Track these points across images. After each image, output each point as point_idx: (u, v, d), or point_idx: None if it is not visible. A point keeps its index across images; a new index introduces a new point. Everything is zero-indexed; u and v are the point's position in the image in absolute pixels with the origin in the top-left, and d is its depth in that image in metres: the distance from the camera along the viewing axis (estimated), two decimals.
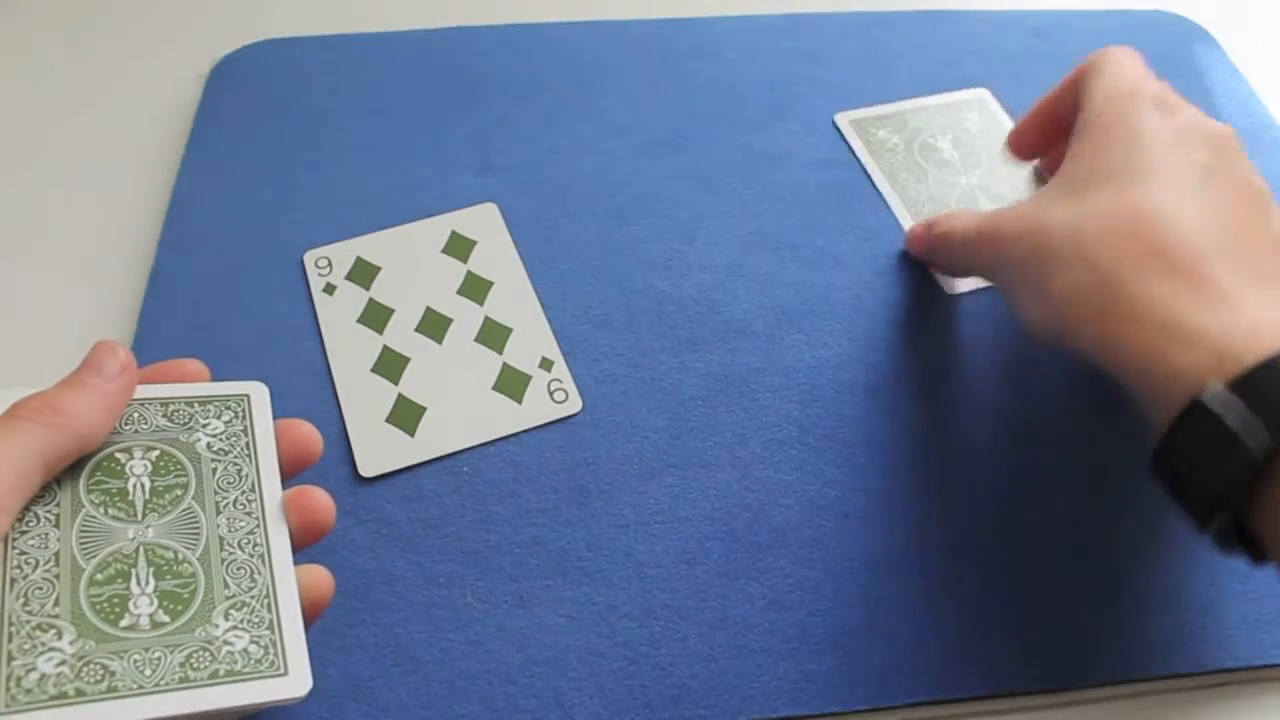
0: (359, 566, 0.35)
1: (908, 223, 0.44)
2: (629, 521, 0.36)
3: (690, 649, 0.33)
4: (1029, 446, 0.38)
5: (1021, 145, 0.42)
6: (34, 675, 0.24)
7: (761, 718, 0.32)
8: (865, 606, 0.34)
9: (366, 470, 0.37)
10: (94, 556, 0.27)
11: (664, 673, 0.33)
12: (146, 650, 0.26)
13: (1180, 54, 0.51)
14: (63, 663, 0.25)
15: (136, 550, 0.27)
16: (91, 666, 0.25)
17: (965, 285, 0.42)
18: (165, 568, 0.27)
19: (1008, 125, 0.47)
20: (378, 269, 0.42)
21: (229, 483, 0.30)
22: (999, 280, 0.37)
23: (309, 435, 0.32)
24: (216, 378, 0.32)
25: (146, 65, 0.50)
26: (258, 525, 0.29)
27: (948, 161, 0.46)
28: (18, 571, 0.26)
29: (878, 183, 0.45)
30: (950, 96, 0.49)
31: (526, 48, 0.50)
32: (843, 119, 0.48)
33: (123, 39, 0.52)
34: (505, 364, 0.40)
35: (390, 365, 0.39)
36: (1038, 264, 0.33)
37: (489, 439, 0.38)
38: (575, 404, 0.39)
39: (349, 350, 0.40)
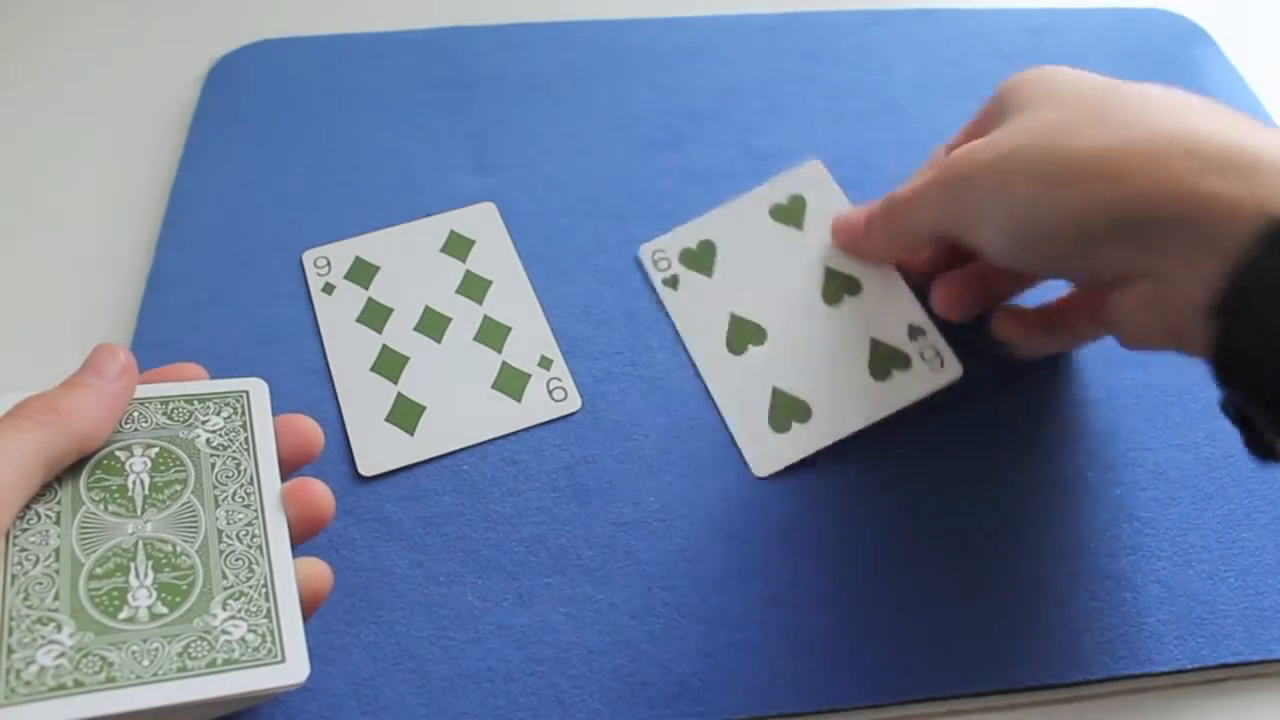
0: (359, 565, 0.35)
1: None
2: (629, 519, 0.36)
3: (690, 646, 0.33)
4: (1025, 446, 0.38)
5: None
6: (33, 668, 0.24)
7: (761, 714, 0.32)
8: (864, 603, 0.34)
9: (366, 469, 0.37)
10: (94, 551, 0.27)
11: (664, 670, 0.33)
12: (145, 641, 0.26)
13: (1177, 53, 0.51)
14: (61, 655, 0.25)
15: (135, 544, 0.27)
16: (90, 658, 0.25)
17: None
18: (164, 560, 0.27)
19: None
20: (377, 268, 0.42)
21: (228, 477, 0.30)
22: (966, 219, 0.33)
23: (310, 430, 0.32)
24: (216, 377, 0.32)
25: (146, 65, 0.50)
26: (256, 517, 0.29)
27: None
28: (18, 567, 0.26)
29: None
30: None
31: (524, 47, 0.50)
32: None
33: (122, 39, 0.52)
34: (504, 363, 0.40)
35: (389, 364, 0.39)
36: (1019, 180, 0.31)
37: (488, 438, 0.38)
38: (574, 402, 0.39)
39: (348, 349, 0.40)
